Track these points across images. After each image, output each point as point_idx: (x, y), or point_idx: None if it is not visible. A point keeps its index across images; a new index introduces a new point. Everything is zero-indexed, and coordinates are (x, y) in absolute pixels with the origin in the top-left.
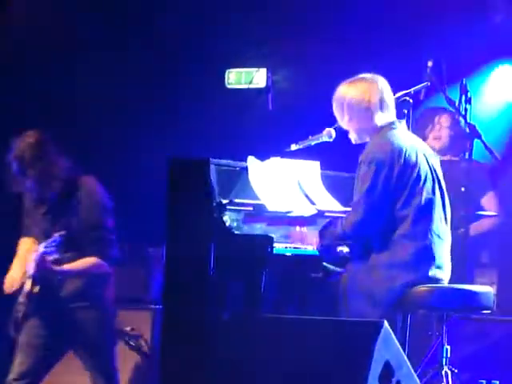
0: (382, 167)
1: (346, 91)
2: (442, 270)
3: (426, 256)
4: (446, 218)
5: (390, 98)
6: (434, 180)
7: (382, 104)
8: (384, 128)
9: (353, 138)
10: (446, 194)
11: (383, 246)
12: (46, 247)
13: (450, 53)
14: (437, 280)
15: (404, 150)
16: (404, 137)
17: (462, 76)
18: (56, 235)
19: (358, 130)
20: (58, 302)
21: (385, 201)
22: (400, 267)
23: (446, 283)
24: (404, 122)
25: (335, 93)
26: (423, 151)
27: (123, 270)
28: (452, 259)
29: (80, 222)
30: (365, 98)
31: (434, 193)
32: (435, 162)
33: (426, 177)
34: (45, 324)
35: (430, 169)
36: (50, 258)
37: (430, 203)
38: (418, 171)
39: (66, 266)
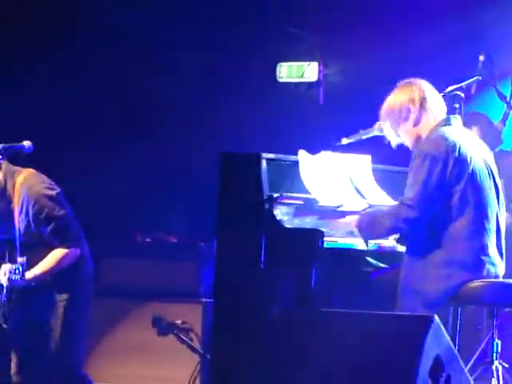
0: (436, 162)
1: (387, 102)
2: (497, 267)
3: (484, 255)
4: (501, 215)
5: (434, 97)
6: (489, 176)
7: (425, 103)
8: (438, 125)
9: (409, 144)
10: (501, 190)
11: (440, 244)
12: (11, 277)
13: (501, 47)
14: (492, 277)
15: (458, 145)
16: (458, 132)
17: None
18: (20, 261)
19: (408, 134)
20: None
21: (439, 197)
22: (458, 265)
23: (500, 278)
24: (459, 118)
25: (383, 106)
26: (478, 147)
27: (175, 263)
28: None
29: (30, 221)
30: (405, 102)
31: (489, 189)
32: (489, 158)
33: (480, 173)
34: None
35: (485, 165)
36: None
37: (486, 200)
38: (473, 167)
39: (36, 271)
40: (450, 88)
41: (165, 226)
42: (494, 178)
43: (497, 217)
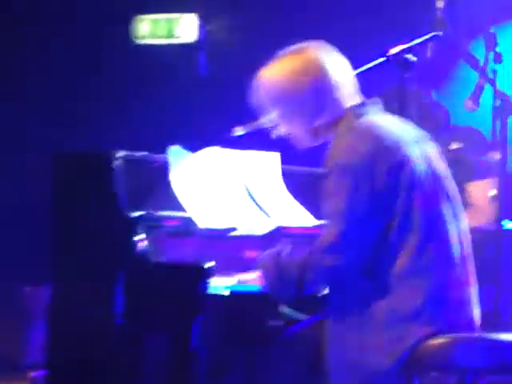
0: (359, 175)
1: (271, 76)
2: (468, 312)
3: (445, 296)
4: (463, 236)
5: (342, 72)
6: (437, 182)
7: (328, 83)
8: (349, 118)
9: (300, 142)
10: (457, 200)
11: (378, 291)
12: None
13: None
14: (461, 328)
15: (386, 142)
16: (385, 124)
17: (489, 23)
18: None
19: (307, 134)
20: None
21: (371, 225)
22: (410, 319)
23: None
24: (378, 100)
25: (257, 83)
26: (416, 141)
27: None
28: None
29: None
30: (294, 85)
31: (440, 202)
32: (433, 153)
33: (424, 179)
34: None
35: (429, 165)
36: None
37: (437, 219)
38: (413, 174)
39: None
40: (395, 50)
41: None
42: (442, 182)
43: (459, 238)
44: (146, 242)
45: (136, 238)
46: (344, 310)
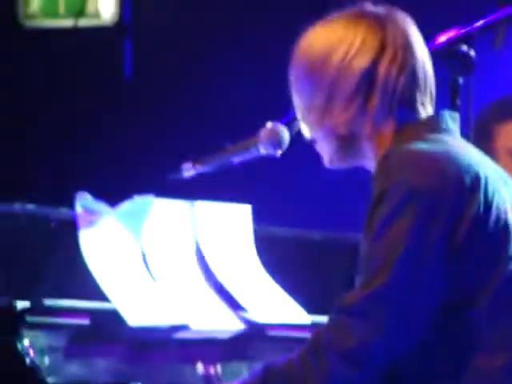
0: (434, 209)
1: (308, 46)
2: None
3: None
4: None
5: (417, 60)
6: None
7: (392, 70)
8: (418, 131)
9: (326, 152)
10: None
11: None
12: None
13: None
14: None
15: (478, 176)
16: (466, 150)
17: None
18: None
19: (335, 130)
20: None
21: (439, 285)
22: None
23: None
24: (458, 116)
25: (295, 51)
26: (501, 178)
27: None
28: None
29: None
30: (342, 63)
31: None
32: None
33: None
34: None
35: None
36: None
37: None
38: (507, 223)
39: None
40: (443, 38)
41: None
42: None
43: None
44: (32, 352)
45: (22, 343)
46: None
